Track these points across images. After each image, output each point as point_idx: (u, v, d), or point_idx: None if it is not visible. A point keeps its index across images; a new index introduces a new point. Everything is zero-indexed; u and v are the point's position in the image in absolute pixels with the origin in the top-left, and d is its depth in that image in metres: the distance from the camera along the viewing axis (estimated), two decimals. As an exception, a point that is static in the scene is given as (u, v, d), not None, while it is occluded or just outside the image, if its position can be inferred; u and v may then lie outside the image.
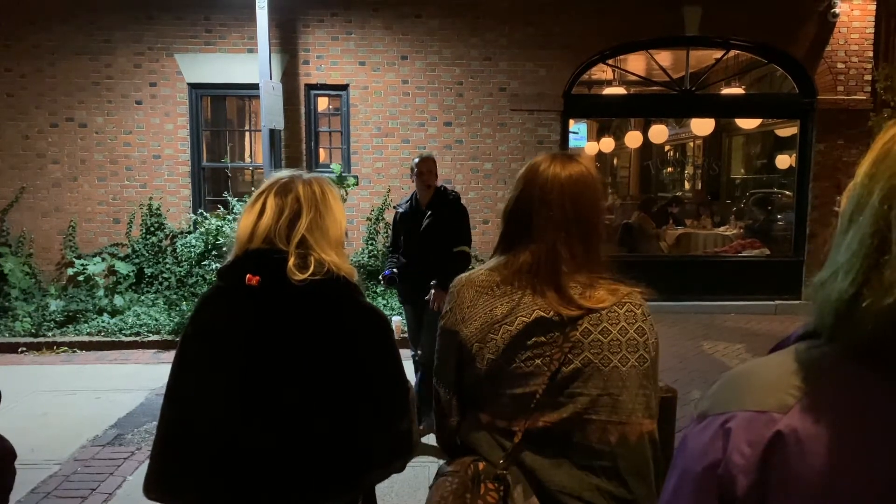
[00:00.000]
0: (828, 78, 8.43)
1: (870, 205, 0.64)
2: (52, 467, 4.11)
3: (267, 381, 1.48)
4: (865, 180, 0.66)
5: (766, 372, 0.71)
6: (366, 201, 8.29)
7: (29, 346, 6.83)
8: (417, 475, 3.83)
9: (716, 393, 0.73)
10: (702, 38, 8.42)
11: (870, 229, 0.63)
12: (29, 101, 8.11)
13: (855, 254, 0.64)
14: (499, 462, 1.43)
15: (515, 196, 1.52)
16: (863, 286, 0.62)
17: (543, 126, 8.40)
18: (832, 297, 0.65)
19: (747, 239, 9.51)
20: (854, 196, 0.67)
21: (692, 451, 0.72)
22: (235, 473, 1.47)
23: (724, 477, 0.67)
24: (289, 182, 1.58)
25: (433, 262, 4.36)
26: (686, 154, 14.50)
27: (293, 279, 1.46)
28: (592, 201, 1.49)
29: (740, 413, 0.68)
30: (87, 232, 8.26)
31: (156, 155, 8.24)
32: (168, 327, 7.08)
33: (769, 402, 0.66)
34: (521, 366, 1.42)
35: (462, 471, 1.43)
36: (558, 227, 1.45)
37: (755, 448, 0.65)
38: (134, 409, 5.12)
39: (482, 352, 1.45)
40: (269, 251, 1.51)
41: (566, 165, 1.50)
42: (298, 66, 8.21)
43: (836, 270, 0.66)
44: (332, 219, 1.57)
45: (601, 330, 1.40)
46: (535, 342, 1.41)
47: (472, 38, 8.26)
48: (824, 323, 0.67)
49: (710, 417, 0.71)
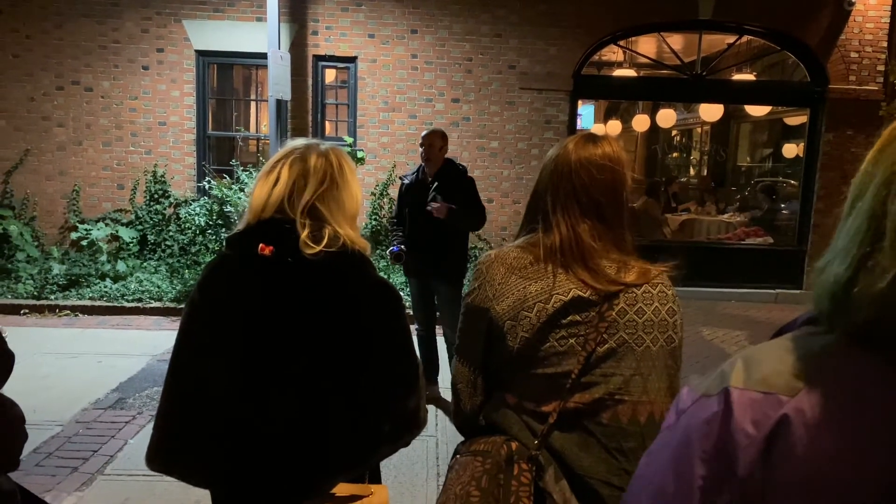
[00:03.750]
0: (840, 67, 8.36)
1: (869, 191, 0.64)
2: (53, 428, 4.15)
3: (272, 354, 1.45)
4: (869, 167, 0.66)
5: (771, 355, 0.71)
6: (370, 176, 8.26)
7: (31, 309, 6.85)
8: (416, 449, 3.85)
9: (720, 375, 0.73)
10: (715, 22, 8.33)
11: (867, 215, 0.63)
12: (35, 63, 8.04)
13: (852, 239, 0.65)
14: (533, 443, 1.41)
15: (547, 176, 1.51)
16: (858, 271, 0.63)
17: (552, 106, 8.35)
18: (829, 282, 0.66)
19: (751, 227, 9.50)
20: (857, 182, 0.67)
21: (691, 427, 0.71)
22: (238, 447, 1.44)
23: (724, 455, 0.67)
24: (305, 151, 1.55)
25: (437, 236, 4.36)
26: (693, 139, 14.41)
27: (306, 251, 1.42)
28: (621, 182, 1.49)
29: (745, 392, 0.67)
30: (90, 197, 8.25)
31: (161, 122, 8.20)
32: (170, 294, 7.10)
33: (776, 385, 0.66)
34: (554, 345, 1.41)
35: (494, 451, 1.40)
36: (589, 207, 1.46)
37: (760, 429, 0.65)
38: (135, 373, 5.16)
39: (515, 330, 1.42)
40: (282, 221, 1.47)
41: (596, 146, 1.50)
42: (307, 37, 8.13)
43: (835, 256, 0.66)
44: (348, 192, 1.54)
45: (636, 310, 1.41)
46: (570, 321, 1.40)
47: (482, 14, 8.17)
48: (822, 308, 0.67)
49: (713, 396, 0.71)
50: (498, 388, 1.52)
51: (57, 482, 3.54)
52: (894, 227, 0.61)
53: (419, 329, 4.68)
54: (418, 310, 4.70)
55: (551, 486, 1.37)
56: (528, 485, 1.36)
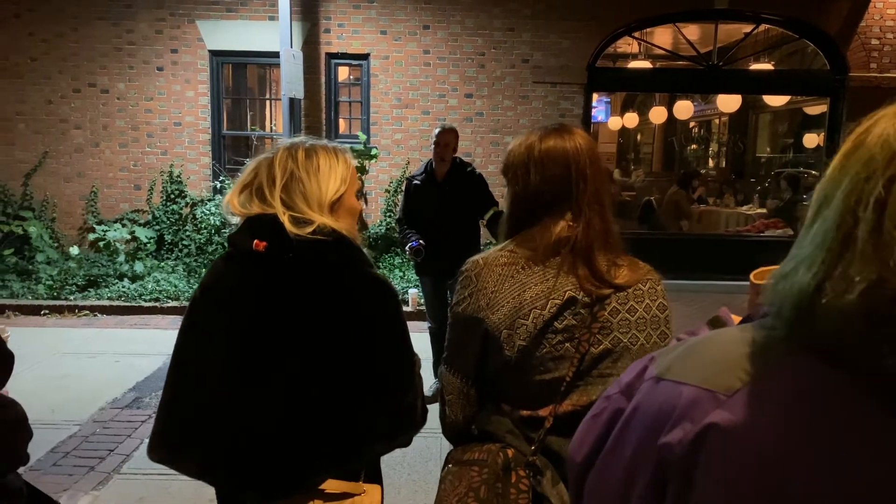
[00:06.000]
0: (861, 54, 8.19)
1: (836, 198, 0.62)
2: (71, 427, 4.19)
3: (268, 349, 1.48)
4: (835, 173, 0.64)
5: (720, 348, 0.70)
6: (385, 173, 8.25)
7: (51, 309, 6.94)
8: (430, 446, 3.85)
9: (674, 359, 0.72)
10: (731, 11, 8.21)
11: (835, 222, 0.61)
12: (52, 66, 8.14)
13: (818, 247, 0.62)
14: (529, 449, 1.39)
15: (550, 175, 1.44)
16: (824, 281, 0.60)
17: (566, 99, 8.28)
18: (793, 291, 0.63)
19: (770, 219, 9.36)
20: (822, 188, 0.65)
21: (644, 413, 0.71)
22: (234, 440, 1.47)
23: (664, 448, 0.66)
24: (276, 149, 1.60)
25: (451, 236, 4.34)
26: (711, 131, 14.25)
27: (292, 234, 1.45)
28: (604, 172, 1.48)
29: (690, 387, 0.67)
30: (108, 198, 8.33)
31: (176, 122, 8.26)
32: (187, 294, 7.15)
33: (716, 381, 0.65)
34: (551, 350, 1.38)
35: (490, 459, 1.38)
36: (595, 202, 1.42)
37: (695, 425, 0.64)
38: (152, 373, 5.20)
39: (512, 338, 1.39)
40: (266, 215, 1.51)
41: (584, 137, 1.48)
42: (319, 35, 8.14)
43: (799, 263, 0.64)
44: (315, 181, 1.55)
45: (628, 308, 1.39)
46: (565, 325, 1.37)
47: (494, 9, 8.12)
48: (783, 315, 0.65)
49: (664, 382, 0.70)
50: (491, 396, 1.49)
51: (74, 481, 3.58)
52: (865, 237, 0.58)
53: (432, 326, 4.67)
54: (432, 307, 4.69)
55: (548, 491, 1.35)
56: (527, 491, 1.34)
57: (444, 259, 4.37)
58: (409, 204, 4.65)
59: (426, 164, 4.61)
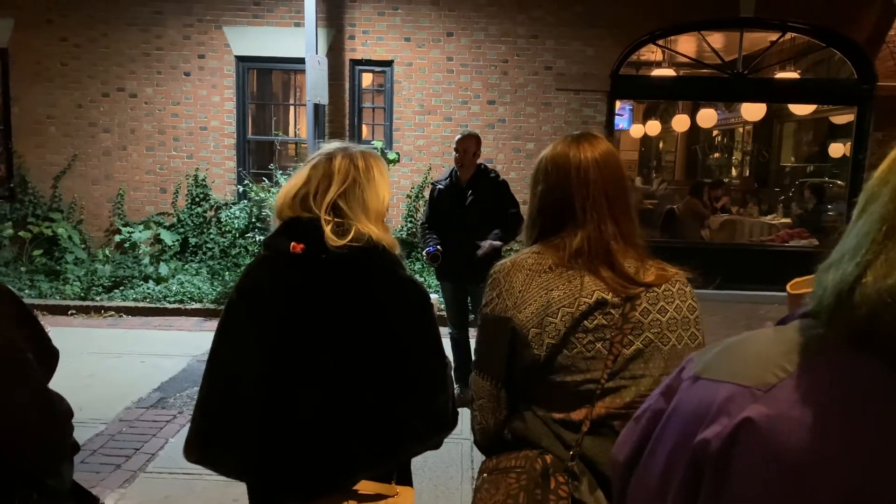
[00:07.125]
0: (889, 64, 8.09)
1: (882, 194, 0.66)
2: (98, 426, 4.26)
3: (304, 349, 1.49)
4: (884, 175, 0.68)
5: (757, 346, 0.72)
6: (406, 178, 8.29)
7: (78, 310, 7.06)
8: (451, 451, 3.85)
9: (711, 358, 0.74)
10: (757, 19, 8.14)
11: (880, 216, 0.65)
12: (82, 71, 8.29)
13: (863, 238, 0.66)
14: (567, 454, 1.38)
15: (554, 182, 1.49)
16: (867, 268, 0.64)
17: (589, 107, 8.27)
18: (836, 279, 0.67)
19: (795, 228, 9.26)
20: (870, 187, 0.69)
21: (682, 412, 0.73)
22: (267, 440, 1.49)
23: (701, 444, 0.68)
24: (332, 153, 1.60)
25: (473, 241, 4.36)
26: (734, 139, 14.11)
27: (331, 245, 1.47)
28: (623, 178, 1.50)
29: (727, 384, 0.69)
30: (134, 200, 8.46)
31: (202, 126, 8.37)
32: (210, 296, 7.23)
33: (753, 377, 0.67)
34: (582, 350, 1.38)
35: (528, 465, 1.36)
36: (601, 207, 1.45)
37: (731, 420, 0.66)
38: (177, 374, 5.27)
39: (540, 337, 1.40)
40: (309, 219, 1.53)
41: (595, 145, 1.49)
42: (344, 41, 8.21)
43: (843, 254, 0.68)
44: (373, 191, 1.57)
45: (659, 309, 1.40)
46: (596, 325, 1.38)
47: (518, 16, 8.14)
48: (824, 305, 0.68)
49: (702, 381, 0.72)
50: (522, 399, 1.49)
51: (101, 479, 3.63)
52: None
53: (453, 332, 4.68)
54: (452, 313, 4.70)
55: (587, 497, 1.35)
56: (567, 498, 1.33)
57: (464, 264, 4.39)
58: (432, 209, 4.70)
59: (451, 170, 4.63)
